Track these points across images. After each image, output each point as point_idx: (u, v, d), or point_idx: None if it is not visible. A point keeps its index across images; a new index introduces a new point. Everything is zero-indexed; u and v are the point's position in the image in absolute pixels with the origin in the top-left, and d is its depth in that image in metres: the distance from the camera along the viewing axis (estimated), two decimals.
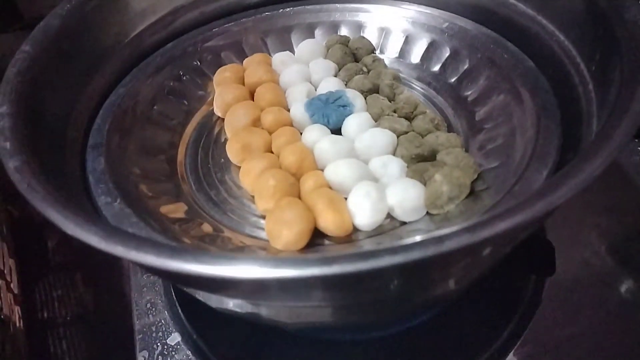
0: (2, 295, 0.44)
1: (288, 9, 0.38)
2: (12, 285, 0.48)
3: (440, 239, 0.16)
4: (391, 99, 0.32)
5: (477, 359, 0.30)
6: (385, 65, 0.34)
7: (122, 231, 0.20)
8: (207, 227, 0.26)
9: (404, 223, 0.26)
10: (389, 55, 0.36)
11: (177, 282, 0.21)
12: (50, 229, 0.63)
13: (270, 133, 0.30)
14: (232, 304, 0.24)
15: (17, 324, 0.46)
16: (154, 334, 0.33)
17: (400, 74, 0.35)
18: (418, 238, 0.16)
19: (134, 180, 0.27)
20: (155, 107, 0.32)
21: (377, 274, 0.16)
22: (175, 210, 0.26)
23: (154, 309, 0.34)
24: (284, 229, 0.24)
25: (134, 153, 0.29)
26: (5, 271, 0.47)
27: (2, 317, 0.42)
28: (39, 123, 0.25)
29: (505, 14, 0.33)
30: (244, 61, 0.35)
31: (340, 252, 0.24)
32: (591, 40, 0.28)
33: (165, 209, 0.26)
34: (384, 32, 0.37)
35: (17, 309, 0.47)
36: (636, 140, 0.39)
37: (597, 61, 0.27)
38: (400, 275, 0.18)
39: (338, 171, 0.26)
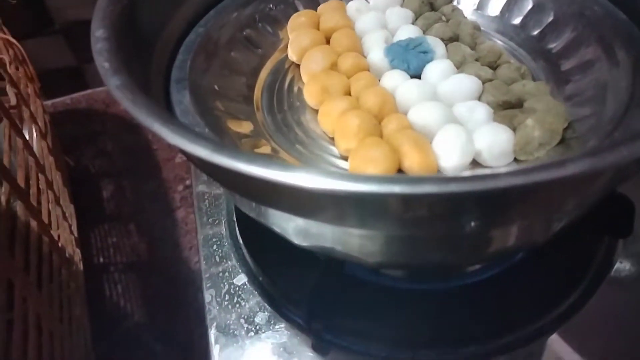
0: (66, 236, 0.46)
1: None
2: (72, 228, 0.49)
3: (562, 162, 0.15)
4: (472, 48, 0.31)
5: (543, 319, 0.29)
6: (464, 16, 0.33)
7: (229, 146, 0.20)
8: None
9: (488, 169, 0.25)
10: (466, 7, 0.35)
11: (274, 200, 0.20)
12: (105, 180, 0.64)
13: (347, 76, 0.30)
14: (312, 239, 0.24)
15: (78, 265, 0.47)
16: (220, 274, 0.33)
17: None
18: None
19: (218, 115, 0.27)
20: (232, 50, 0.32)
21: (495, 194, 0.16)
22: (260, 147, 0.26)
23: (220, 251, 0.34)
24: (369, 167, 0.24)
25: (214, 91, 0.29)
26: (67, 214, 0.48)
27: (67, 255, 0.44)
28: (129, 50, 0.25)
29: None
30: (319, 7, 0.35)
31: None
32: None
33: (250, 145, 0.26)
34: None
35: (77, 251, 0.49)
36: None
37: None
38: (510, 201, 0.17)
39: (423, 113, 0.26)
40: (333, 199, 0.17)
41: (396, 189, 0.16)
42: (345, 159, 0.27)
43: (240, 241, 0.34)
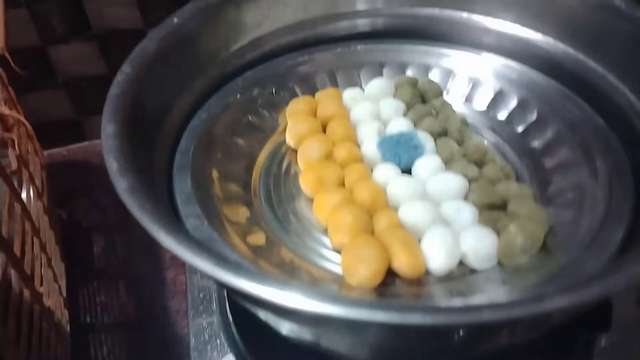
0: (55, 299, 0.46)
1: (359, 47, 0.39)
2: (61, 288, 0.50)
3: (541, 298, 0.17)
4: (460, 144, 0.32)
5: None
6: (453, 110, 0.35)
7: (230, 262, 0.21)
8: (284, 257, 0.27)
9: (474, 270, 0.26)
10: (454, 100, 0.37)
11: (268, 308, 0.21)
12: (96, 235, 0.64)
13: (341, 166, 0.32)
14: (303, 336, 0.25)
15: (65, 327, 0.47)
16: (208, 353, 0.34)
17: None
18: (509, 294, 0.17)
19: (217, 204, 0.28)
20: (233, 135, 0.33)
21: (479, 326, 0.17)
22: (256, 237, 0.27)
23: (209, 328, 0.35)
24: (361, 266, 0.25)
25: (215, 177, 0.30)
26: (57, 275, 0.49)
27: (55, 320, 0.44)
28: (135, 144, 0.26)
29: (576, 69, 0.34)
30: (316, 94, 0.37)
31: (437, 304, 0.24)
32: None
33: (246, 235, 0.27)
34: (451, 76, 0.38)
35: (65, 312, 0.49)
36: None
37: None
38: (487, 330, 0.18)
39: (413, 212, 0.27)
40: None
41: (383, 317, 0.17)
42: (338, 251, 0.28)
43: (230, 319, 0.34)
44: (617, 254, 0.24)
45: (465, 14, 0.39)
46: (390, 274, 0.26)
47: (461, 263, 0.27)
